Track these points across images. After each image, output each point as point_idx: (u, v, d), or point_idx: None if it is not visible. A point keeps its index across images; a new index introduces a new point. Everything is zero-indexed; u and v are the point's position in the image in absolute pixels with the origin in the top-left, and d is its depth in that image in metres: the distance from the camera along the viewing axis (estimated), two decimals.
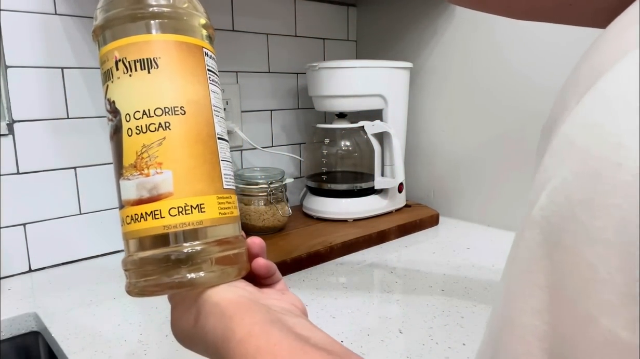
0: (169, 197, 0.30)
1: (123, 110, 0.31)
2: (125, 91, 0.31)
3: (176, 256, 0.30)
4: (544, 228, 0.21)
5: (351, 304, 0.65)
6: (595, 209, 0.18)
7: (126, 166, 0.31)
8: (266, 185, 0.87)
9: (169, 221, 0.30)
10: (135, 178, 0.30)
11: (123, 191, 0.31)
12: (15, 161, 0.74)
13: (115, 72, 0.31)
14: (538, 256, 0.22)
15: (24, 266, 0.77)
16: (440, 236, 0.94)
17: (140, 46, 0.31)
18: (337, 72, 0.93)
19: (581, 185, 0.19)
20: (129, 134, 0.31)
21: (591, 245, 0.18)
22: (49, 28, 0.75)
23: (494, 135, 0.95)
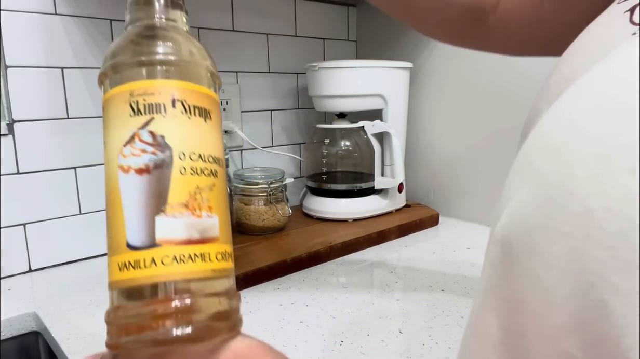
0: (216, 242, 0.30)
1: (176, 148, 0.30)
2: (182, 130, 0.31)
3: (173, 308, 0.29)
4: (504, 246, 0.22)
5: (351, 305, 0.65)
6: (549, 235, 0.19)
7: (173, 203, 0.30)
8: (266, 185, 0.87)
9: (215, 266, 0.30)
10: (186, 218, 0.30)
11: (163, 229, 0.30)
12: (15, 161, 0.74)
13: (170, 109, 0.31)
14: (498, 273, 0.22)
15: (24, 266, 0.77)
16: (440, 236, 0.94)
17: (199, 96, 0.32)
18: (337, 72, 0.93)
19: (537, 209, 0.20)
20: (181, 172, 0.30)
21: (547, 270, 0.19)
22: (49, 28, 0.75)
23: (494, 135, 0.95)
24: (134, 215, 0.30)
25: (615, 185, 0.17)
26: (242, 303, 0.32)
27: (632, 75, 0.18)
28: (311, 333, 0.58)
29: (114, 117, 0.32)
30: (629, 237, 0.16)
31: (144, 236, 0.30)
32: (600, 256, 0.17)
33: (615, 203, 0.17)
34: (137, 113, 0.31)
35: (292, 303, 0.66)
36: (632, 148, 0.17)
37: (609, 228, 0.17)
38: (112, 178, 0.31)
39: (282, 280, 0.73)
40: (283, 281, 0.73)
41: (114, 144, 0.31)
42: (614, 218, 0.16)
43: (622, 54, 0.20)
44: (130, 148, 0.31)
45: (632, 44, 0.20)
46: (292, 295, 0.68)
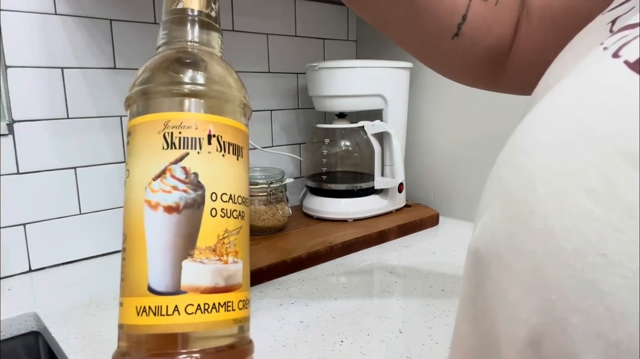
0: (239, 289, 0.29)
1: (209, 188, 0.29)
2: (215, 169, 0.29)
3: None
4: (476, 259, 0.23)
5: (351, 304, 0.65)
6: (515, 251, 0.19)
7: (201, 247, 0.28)
8: (266, 185, 0.87)
9: (238, 315, 0.28)
10: (213, 264, 0.28)
11: (190, 275, 0.28)
12: (15, 161, 0.74)
13: (205, 146, 0.29)
14: (472, 285, 0.23)
15: (24, 266, 0.77)
16: (440, 236, 0.94)
17: (235, 132, 0.31)
18: (337, 72, 0.93)
19: (504, 225, 0.20)
20: (212, 214, 0.28)
21: (513, 285, 0.19)
22: (49, 28, 0.75)
23: (495, 135, 0.95)
24: (159, 256, 0.28)
25: (573, 204, 0.17)
26: None
27: (591, 93, 0.19)
28: (311, 333, 0.58)
29: (144, 147, 0.29)
30: (586, 257, 0.16)
31: (168, 281, 0.27)
32: (560, 275, 0.17)
33: (573, 222, 0.17)
34: (171, 147, 0.29)
35: (292, 303, 0.66)
36: (589, 167, 0.17)
37: (568, 247, 0.17)
38: (135, 212, 0.28)
39: (282, 280, 0.73)
40: (283, 281, 0.73)
41: (141, 176, 0.29)
42: (572, 237, 0.17)
43: (583, 70, 0.21)
44: (160, 183, 0.28)
45: (597, 58, 0.20)
46: (292, 295, 0.68)
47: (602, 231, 0.16)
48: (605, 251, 0.16)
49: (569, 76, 0.21)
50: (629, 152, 0.16)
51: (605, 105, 0.18)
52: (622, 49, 0.19)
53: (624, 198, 0.16)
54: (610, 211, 0.16)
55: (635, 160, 0.16)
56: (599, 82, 0.19)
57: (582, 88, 0.19)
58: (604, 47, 0.20)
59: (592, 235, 0.16)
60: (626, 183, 0.16)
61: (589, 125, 0.18)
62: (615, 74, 0.18)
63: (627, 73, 0.17)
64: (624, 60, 0.18)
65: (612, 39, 0.20)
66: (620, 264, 0.16)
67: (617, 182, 0.16)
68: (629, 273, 0.15)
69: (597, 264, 0.16)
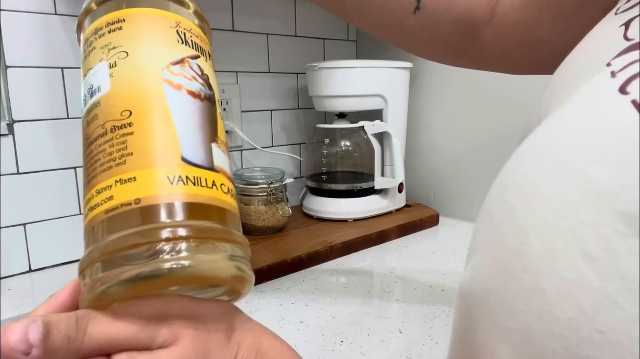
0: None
1: (215, 92, 0.31)
2: (215, 79, 0.32)
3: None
4: (466, 303, 0.21)
5: (351, 305, 0.65)
6: (506, 308, 0.18)
7: (222, 139, 0.30)
8: (266, 185, 0.87)
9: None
10: (227, 157, 0.30)
11: (219, 158, 0.28)
12: (15, 161, 0.74)
13: (208, 58, 0.32)
14: (463, 327, 0.22)
15: (24, 266, 0.77)
16: (440, 236, 0.94)
17: (207, 39, 0.34)
18: (337, 72, 0.93)
19: (495, 274, 0.19)
20: (220, 116, 0.31)
21: (503, 344, 0.18)
22: (49, 28, 0.75)
23: (495, 134, 0.95)
24: (190, 131, 0.27)
25: (568, 267, 0.16)
26: (242, 303, 0.31)
27: (592, 135, 0.17)
28: (311, 333, 0.58)
29: (155, 34, 0.29)
30: (580, 330, 0.15)
31: (204, 157, 0.27)
32: (551, 345, 0.16)
33: (567, 288, 0.15)
34: (186, 44, 0.30)
35: (292, 303, 0.66)
36: (586, 227, 0.15)
37: (561, 315, 0.15)
38: (150, 89, 0.27)
39: (282, 280, 0.73)
40: (283, 281, 0.73)
41: (155, 55, 0.29)
42: (566, 305, 0.15)
43: (586, 100, 0.18)
44: (180, 69, 0.28)
45: (602, 86, 0.18)
46: (292, 295, 0.68)
47: (598, 304, 0.14)
48: (603, 328, 0.14)
49: (570, 102, 0.19)
50: (632, 214, 0.14)
51: (608, 154, 0.16)
52: (631, 84, 0.16)
53: (625, 270, 0.14)
54: (609, 281, 0.14)
55: (637, 225, 0.14)
56: (602, 123, 0.17)
57: (583, 127, 0.17)
58: (611, 70, 0.18)
59: (587, 306, 0.15)
60: (627, 251, 0.14)
61: (588, 176, 0.16)
62: (622, 116, 0.16)
63: (634, 117, 0.15)
64: (631, 100, 0.16)
65: (621, 61, 0.18)
66: (619, 345, 0.14)
67: (618, 250, 0.14)
68: (628, 356, 0.14)
69: (593, 340, 0.14)
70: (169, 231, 0.24)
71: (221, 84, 0.96)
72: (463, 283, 0.22)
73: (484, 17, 0.45)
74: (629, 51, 0.18)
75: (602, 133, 0.16)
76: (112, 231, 0.26)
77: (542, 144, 0.19)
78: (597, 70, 0.19)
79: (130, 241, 0.24)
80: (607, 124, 0.16)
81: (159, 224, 0.24)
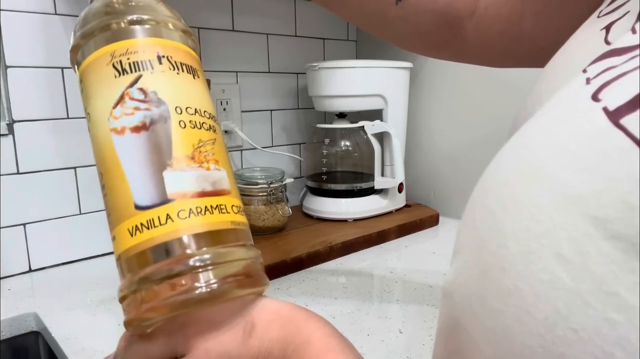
0: (229, 195, 0.29)
1: (172, 102, 0.29)
2: (173, 85, 0.30)
3: (201, 263, 0.26)
4: (450, 303, 0.22)
5: (351, 304, 0.65)
6: (486, 308, 0.18)
7: (179, 156, 0.28)
8: (266, 185, 0.87)
9: (234, 218, 0.28)
10: (195, 170, 0.28)
11: (173, 183, 0.27)
12: (15, 161, 0.74)
13: (157, 65, 0.30)
14: (447, 327, 0.22)
15: (24, 266, 0.77)
16: (440, 236, 0.94)
17: (184, 54, 0.31)
18: (337, 72, 0.93)
19: (476, 276, 0.19)
20: (182, 126, 0.29)
21: (485, 344, 0.18)
22: (49, 28, 0.75)
23: (494, 134, 0.95)
24: (137, 174, 0.28)
25: (543, 269, 0.16)
26: None
27: (565, 142, 0.17)
28: None
29: (96, 82, 0.30)
30: (555, 328, 0.16)
31: (153, 194, 0.27)
32: (529, 343, 0.16)
33: (543, 289, 0.16)
34: (123, 73, 0.29)
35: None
36: (559, 230, 0.16)
37: (537, 315, 0.16)
38: (105, 146, 0.29)
39: (282, 280, 0.73)
40: (283, 281, 0.73)
41: (101, 109, 0.29)
42: (542, 305, 0.16)
43: (560, 107, 0.19)
44: (121, 108, 0.29)
45: (576, 93, 0.18)
46: (292, 295, 0.68)
47: (571, 304, 0.15)
48: (576, 327, 0.15)
49: (547, 108, 0.20)
50: (601, 218, 0.15)
51: (579, 160, 0.16)
52: (603, 91, 0.17)
53: (595, 271, 0.15)
54: (581, 282, 0.15)
55: (607, 228, 0.15)
56: (574, 129, 0.17)
57: (557, 134, 0.18)
58: (587, 77, 0.18)
59: (561, 305, 0.15)
60: (598, 254, 0.15)
61: (561, 182, 0.16)
62: (593, 124, 0.16)
63: (604, 124, 0.16)
64: (603, 107, 0.16)
65: (596, 67, 0.18)
66: (590, 341, 0.15)
67: (588, 252, 0.15)
68: (599, 353, 0.14)
69: (567, 338, 0.15)
70: (123, 287, 0.28)
71: (221, 84, 0.96)
72: (447, 283, 0.22)
73: (467, 10, 0.44)
74: (605, 57, 0.19)
75: (575, 140, 0.17)
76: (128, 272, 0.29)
77: (519, 149, 0.20)
78: (574, 75, 0.20)
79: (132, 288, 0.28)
80: (579, 131, 0.17)
81: (129, 285, 0.28)
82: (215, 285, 0.26)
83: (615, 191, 0.15)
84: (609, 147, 0.15)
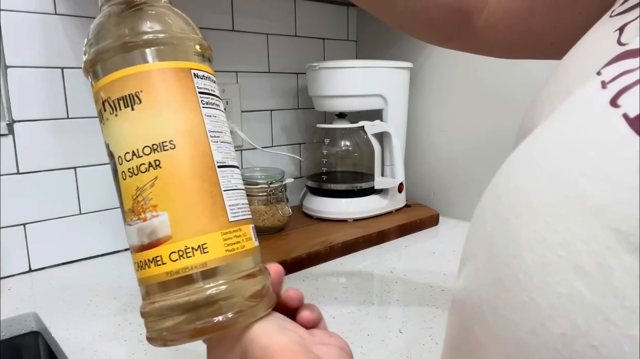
0: (168, 241, 0.28)
1: (115, 153, 0.29)
2: (114, 133, 0.29)
3: (195, 299, 0.28)
4: (460, 312, 0.21)
5: (351, 304, 0.65)
6: (499, 318, 0.18)
7: (126, 211, 0.29)
8: (266, 185, 0.87)
9: (170, 267, 0.28)
10: (135, 224, 0.29)
11: (128, 237, 0.30)
12: (15, 161, 0.74)
13: (104, 114, 0.29)
14: (457, 335, 0.22)
15: (24, 266, 0.77)
16: (440, 236, 0.94)
17: (121, 82, 0.29)
18: (337, 72, 0.93)
19: (488, 285, 0.19)
20: (123, 178, 0.29)
21: (497, 353, 0.18)
22: (49, 28, 0.75)
23: (495, 134, 0.95)
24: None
25: (561, 281, 0.16)
26: None
27: (584, 148, 0.16)
28: None
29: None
30: (574, 344, 0.15)
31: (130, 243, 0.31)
32: (544, 358, 0.16)
33: (560, 303, 0.15)
34: (104, 123, 0.31)
35: None
36: (578, 241, 0.15)
37: (554, 329, 0.15)
38: None
39: None
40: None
41: None
42: (559, 319, 0.15)
43: (576, 112, 0.18)
44: (110, 158, 0.31)
45: (592, 97, 0.18)
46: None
47: (591, 319, 0.15)
48: (596, 343, 0.14)
49: (562, 111, 0.19)
50: (623, 230, 0.14)
51: (600, 169, 0.16)
52: (622, 97, 0.16)
53: (617, 286, 0.14)
54: (602, 297, 0.14)
55: (630, 241, 0.14)
56: (593, 135, 0.16)
57: (574, 139, 0.17)
58: (602, 79, 0.18)
59: (580, 320, 0.15)
60: (620, 268, 0.14)
61: (580, 190, 0.16)
62: (613, 131, 0.16)
63: (626, 131, 0.15)
64: (622, 113, 0.16)
65: (611, 70, 0.18)
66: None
67: (610, 266, 0.14)
68: None
69: (586, 355, 0.14)
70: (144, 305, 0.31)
71: (221, 84, 0.96)
72: (457, 291, 0.22)
73: (477, 5, 0.44)
74: (619, 59, 0.18)
75: (594, 146, 0.16)
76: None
77: (534, 154, 0.19)
78: (588, 78, 0.19)
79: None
80: (599, 138, 0.16)
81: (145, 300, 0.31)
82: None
83: (639, 202, 0.14)
84: (632, 156, 0.15)
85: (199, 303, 0.28)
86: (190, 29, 0.31)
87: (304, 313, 0.32)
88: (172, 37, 0.30)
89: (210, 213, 0.29)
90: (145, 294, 0.30)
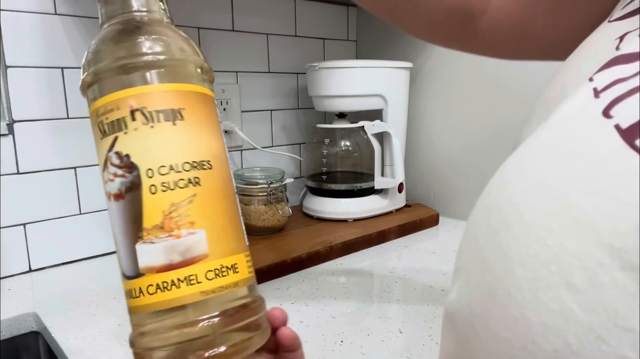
0: (205, 260, 0.27)
1: (143, 165, 0.27)
2: (145, 143, 0.28)
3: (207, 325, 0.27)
4: (453, 324, 0.21)
5: (351, 304, 0.65)
6: (490, 333, 0.18)
7: (148, 228, 0.27)
8: (266, 185, 0.87)
9: (206, 287, 0.27)
10: (163, 241, 0.27)
11: (143, 257, 0.27)
12: (15, 161, 0.74)
13: (130, 123, 0.28)
14: (450, 346, 0.22)
15: (24, 266, 0.77)
16: (440, 236, 0.94)
17: (163, 96, 0.28)
18: (337, 72, 0.93)
19: (480, 299, 0.19)
20: (152, 191, 0.27)
21: None
22: (49, 28, 0.75)
23: (495, 134, 0.95)
24: (120, 243, 0.28)
25: (552, 298, 0.15)
26: None
27: (575, 161, 0.16)
28: (311, 333, 0.58)
29: (95, 141, 0.30)
30: None
31: (131, 266, 0.28)
32: None
33: (552, 320, 0.15)
34: (105, 135, 0.29)
35: (292, 303, 0.66)
36: (570, 257, 0.15)
37: (546, 346, 0.15)
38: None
39: (282, 280, 0.73)
40: (283, 281, 0.73)
41: (100, 171, 0.29)
42: (551, 336, 0.15)
43: (567, 122, 0.18)
44: (106, 173, 0.29)
45: (584, 106, 0.17)
46: (292, 295, 0.68)
47: (583, 338, 0.14)
48: None
49: (553, 120, 0.19)
50: (617, 246, 0.14)
51: (592, 182, 0.15)
52: (615, 107, 0.16)
53: (609, 304, 0.14)
54: (594, 315, 0.14)
55: (623, 258, 0.14)
56: (584, 147, 0.16)
57: (564, 150, 0.17)
58: (594, 86, 0.17)
59: (572, 338, 0.14)
60: (612, 285, 0.14)
61: (572, 204, 0.15)
62: (606, 143, 0.15)
63: (618, 145, 0.15)
64: (615, 124, 0.15)
65: (603, 77, 0.17)
66: None
67: (603, 283, 0.14)
68: None
69: None
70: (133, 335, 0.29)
71: (221, 84, 0.96)
72: (449, 303, 0.21)
73: (479, 8, 0.45)
74: (611, 65, 0.18)
75: (585, 159, 0.16)
76: None
77: (525, 164, 0.19)
78: (581, 83, 0.18)
79: None
80: (590, 150, 0.16)
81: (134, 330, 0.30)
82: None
83: (632, 219, 0.14)
84: (624, 169, 0.14)
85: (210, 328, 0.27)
86: (202, 55, 0.33)
87: (285, 329, 0.33)
88: (199, 64, 0.31)
89: (238, 235, 0.30)
90: (146, 320, 0.28)
